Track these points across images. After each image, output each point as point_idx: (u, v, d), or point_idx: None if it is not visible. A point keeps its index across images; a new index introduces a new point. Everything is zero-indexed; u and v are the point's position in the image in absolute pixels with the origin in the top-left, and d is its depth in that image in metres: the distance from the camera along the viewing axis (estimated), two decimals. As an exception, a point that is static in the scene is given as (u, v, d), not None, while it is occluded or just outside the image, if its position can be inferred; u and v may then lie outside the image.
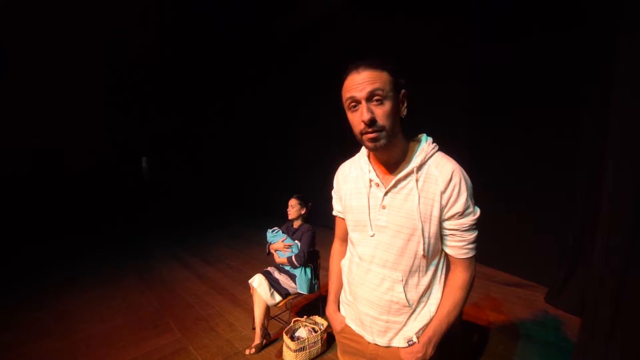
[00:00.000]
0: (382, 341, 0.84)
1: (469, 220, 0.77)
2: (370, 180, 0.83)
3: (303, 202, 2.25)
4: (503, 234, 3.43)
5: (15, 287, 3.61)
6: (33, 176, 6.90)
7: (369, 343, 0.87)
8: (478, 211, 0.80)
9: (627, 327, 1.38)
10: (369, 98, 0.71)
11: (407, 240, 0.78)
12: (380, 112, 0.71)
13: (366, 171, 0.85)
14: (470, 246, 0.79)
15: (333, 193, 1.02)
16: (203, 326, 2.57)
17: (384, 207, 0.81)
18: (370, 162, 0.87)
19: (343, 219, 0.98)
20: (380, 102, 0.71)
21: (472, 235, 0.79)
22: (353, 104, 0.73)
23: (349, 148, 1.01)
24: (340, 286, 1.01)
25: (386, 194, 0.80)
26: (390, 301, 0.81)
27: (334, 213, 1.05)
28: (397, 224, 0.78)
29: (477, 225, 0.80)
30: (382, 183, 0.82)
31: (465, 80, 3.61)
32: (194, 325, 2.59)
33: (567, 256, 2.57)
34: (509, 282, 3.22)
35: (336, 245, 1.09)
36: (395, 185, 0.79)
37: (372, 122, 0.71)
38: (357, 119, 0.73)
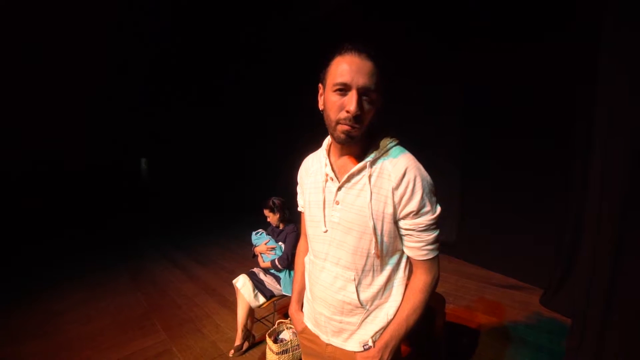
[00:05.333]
0: (336, 341, 0.80)
1: (426, 220, 0.72)
2: (327, 175, 0.80)
3: (273, 208, 2.21)
4: (500, 236, 3.38)
5: (4, 289, 3.59)
6: (30, 176, 6.94)
7: (326, 345, 0.83)
8: (438, 210, 0.74)
9: (617, 329, 1.33)
10: (362, 91, 0.67)
11: (359, 238, 0.74)
12: (366, 109, 0.69)
13: (323, 165, 0.82)
14: (430, 247, 0.74)
15: (298, 188, 0.98)
16: (189, 327, 2.54)
17: (337, 203, 0.77)
18: (329, 156, 0.83)
19: None
20: (369, 99, 0.69)
21: (431, 235, 0.73)
22: (341, 87, 0.68)
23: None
24: (303, 285, 0.97)
25: (339, 189, 0.77)
26: (343, 301, 0.77)
27: (299, 209, 1.01)
28: (348, 221, 0.74)
29: (437, 225, 0.74)
30: (337, 177, 0.78)
31: (460, 82, 3.58)
32: (180, 326, 2.56)
33: (562, 258, 2.50)
34: (505, 284, 3.15)
35: (302, 242, 1.05)
36: (348, 180, 0.75)
37: (357, 117, 0.67)
38: (341, 104, 0.68)
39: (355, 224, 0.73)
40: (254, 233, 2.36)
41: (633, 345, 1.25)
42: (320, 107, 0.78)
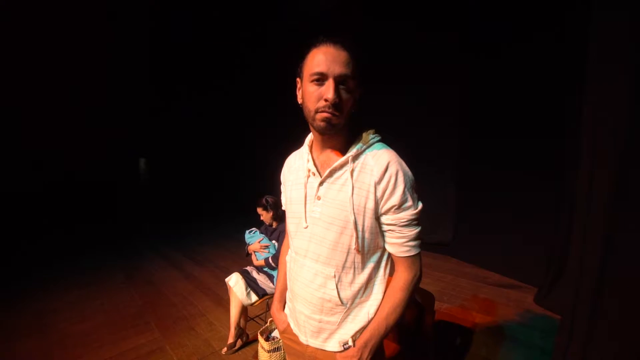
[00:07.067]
0: (315, 342, 0.79)
1: (408, 214, 0.72)
2: (309, 170, 0.80)
3: (266, 206, 2.21)
4: (496, 236, 3.38)
5: (0, 287, 3.60)
6: (29, 176, 6.92)
7: (307, 345, 0.82)
8: (420, 206, 0.74)
9: (605, 328, 1.33)
10: (339, 79, 0.68)
11: (339, 234, 0.73)
12: (344, 97, 0.69)
13: (305, 161, 0.81)
14: (412, 243, 0.74)
15: (281, 186, 0.98)
16: (183, 325, 2.53)
17: (318, 198, 0.76)
18: (311, 151, 0.83)
19: None
20: (346, 87, 0.69)
21: (413, 231, 0.73)
22: (318, 77, 0.68)
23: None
24: (286, 284, 0.97)
25: (321, 184, 0.76)
26: (323, 299, 0.76)
27: (283, 207, 1.00)
28: (329, 216, 0.74)
29: (419, 220, 0.74)
30: (319, 172, 0.78)
31: (458, 84, 3.58)
32: (174, 324, 2.56)
33: (555, 258, 2.50)
34: (501, 283, 3.15)
35: (286, 241, 1.05)
36: (330, 175, 0.75)
37: (335, 104, 0.68)
38: (319, 94, 0.69)
39: (336, 219, 0.73)
40: (247, 232, 2.35)
41: (620, 343, 1.25)
42: (299, 100, 0.78)
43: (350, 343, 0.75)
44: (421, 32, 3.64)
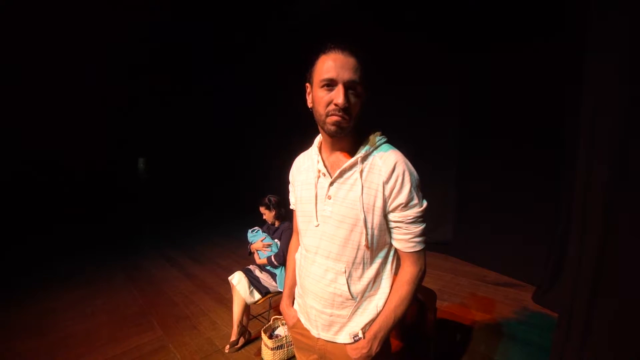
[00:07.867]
0: (326, 335, 0.82)
1: (414, 212, 0.75)
2: (319, 171, 0.82)
3: (269, 205, 2.23)
4: (495, 235, 3.41)
5: (1, 286, 3.58)
6: (29, 175, 6.90)
7: (317, 339, 0.84)
8: (424, 203, 0.78)
9: (602, 326, 1.35)
10: (348, 85, 0.71)
11: (350, 231, 0.76)
12: (353, 102, 0.72)
13: (315, 162, 0.84)
14: (417, 239, 0.77)
15: (290, 186, 1.00)
16: (185, 324, 2.55)
17: (329, 198, 0.79)
18: (320, 153, 0.85)
19: None
20: (355, 92, 0.72)
21: (419, 228, 0.76)
22: (328, 83, 0.71)
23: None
24: (294, 281, 1.00)
25: (332, 184, 0.79)
26: (334, 294, 0.79)
27: (291, 207, 1.02)
28: (340, 214, 0.77)
29: (424, 217, 0.78)
30: (329, 173, 0.80)
31: (458, 85, 3.61)
32: (176, 323, 2.57)
33: (554, 256, 2.53)
34: (499, 281, 3.18)
35: (294, 239, 1.07)
36: (340, 176, 0.78)
37: (345, 109, 0.71)
38: (328, 98, 0.72)
39: (347, 217, 0.76)
40: (249, 230, 2.37)
41: (617, 341, 1.28)
42: (309, 104, 0.81)
43: (360, 335, 0.78)
44: (421, 32, 3.66)
